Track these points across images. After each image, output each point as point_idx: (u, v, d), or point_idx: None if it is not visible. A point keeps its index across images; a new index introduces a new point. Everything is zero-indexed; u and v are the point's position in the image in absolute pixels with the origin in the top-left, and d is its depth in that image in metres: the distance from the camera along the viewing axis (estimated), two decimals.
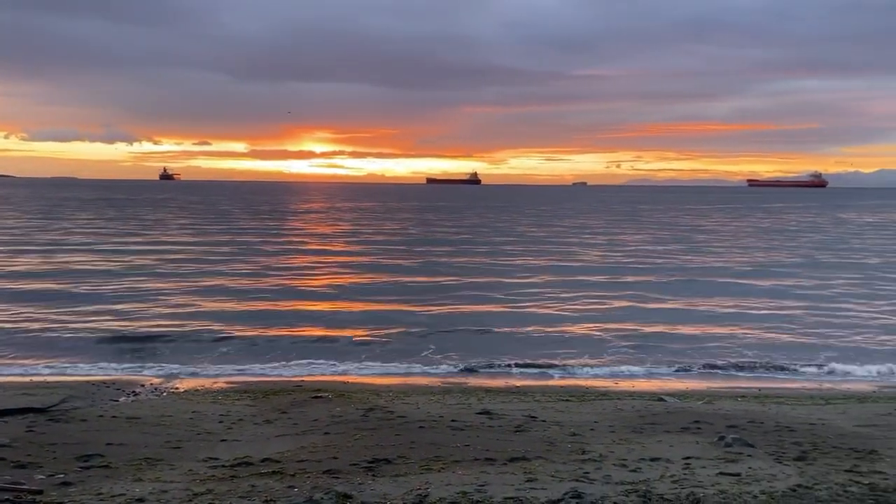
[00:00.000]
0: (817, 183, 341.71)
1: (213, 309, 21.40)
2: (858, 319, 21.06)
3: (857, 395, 13.06)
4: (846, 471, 7.10)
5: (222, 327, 18.78)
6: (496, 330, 18.96)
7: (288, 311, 21.49)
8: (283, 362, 15.90)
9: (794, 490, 6.39)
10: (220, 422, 9.95)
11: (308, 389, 12.53)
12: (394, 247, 41.54)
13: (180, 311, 21.05)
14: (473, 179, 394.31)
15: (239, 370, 15.10)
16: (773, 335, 18.87)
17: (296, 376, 14.62)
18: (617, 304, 23.06)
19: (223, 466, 7.54)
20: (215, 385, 13.42)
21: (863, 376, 15.45)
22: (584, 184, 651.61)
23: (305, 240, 46.51)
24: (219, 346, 17.10)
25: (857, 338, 18.71)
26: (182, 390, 12.81)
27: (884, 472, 7.08)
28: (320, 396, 11.74)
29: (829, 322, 20.54)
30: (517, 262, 34.14)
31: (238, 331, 18.46)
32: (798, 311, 22.03)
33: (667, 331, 19.19)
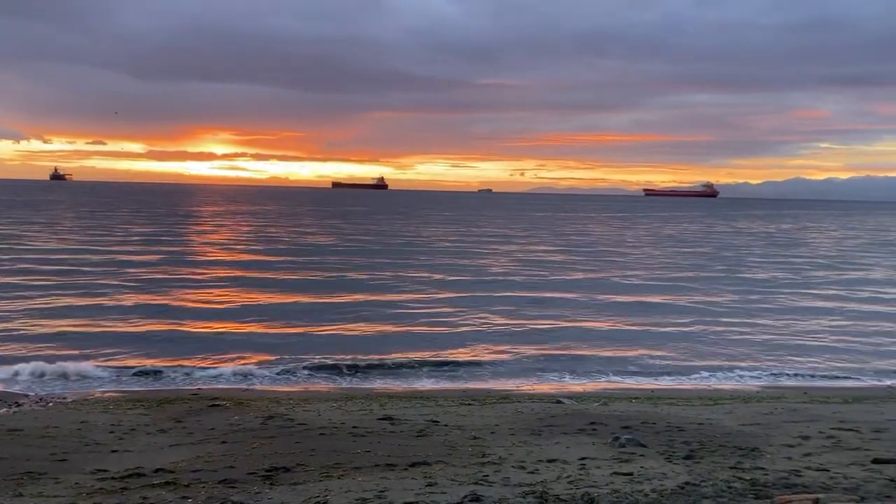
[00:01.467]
0: (709, 193, 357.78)
1: (95, 330, 18.84)
2: (748, 329, 21.94)
3: (743, 395, 13.74)
4: (731, 468, 7.45)
5: (102, 350, 16.57)
6: (400, 353, 17.40)
7: (173, 331, 19.12)
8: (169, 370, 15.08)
9: (683, 487, 6.65)
10: (111, 432, 9.56)
11: (205, 398, 12.21)
12: (292, 257, 39.01)
13: (53, 330, 18.51)
14: (380, 184, 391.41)
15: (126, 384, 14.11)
16: (669, 345, 19.28)
17: (192, 384, 14.20)
18: (516, 320, 22.23)
19: (113, 479, 7.25)
20: (106, 394, 12.92)
21: (749, 379, 16.19)
22: (490, 191, 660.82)
23: (197, 249, 42.82)
24: (100, 370, 14.87)
25: (744, 347, 19.56)
26: (70, 400, 12.24)
27: (764, 468, 7.46)
28: (218, 405, 11.45)
29: (723, 331, 21.25)
30: (422, 275, 32.55)
31: (120, 353, 16.40)
32: (693, 324, 22.41)
33: (566, 346, 18.86)
